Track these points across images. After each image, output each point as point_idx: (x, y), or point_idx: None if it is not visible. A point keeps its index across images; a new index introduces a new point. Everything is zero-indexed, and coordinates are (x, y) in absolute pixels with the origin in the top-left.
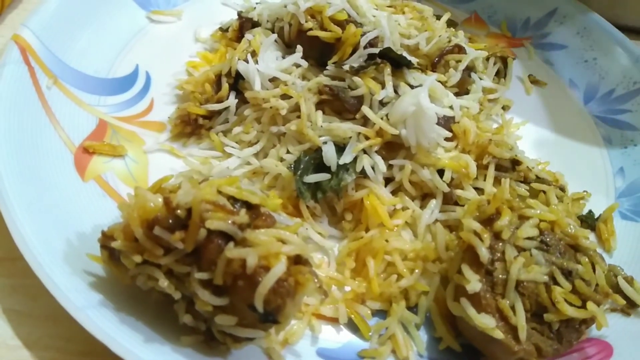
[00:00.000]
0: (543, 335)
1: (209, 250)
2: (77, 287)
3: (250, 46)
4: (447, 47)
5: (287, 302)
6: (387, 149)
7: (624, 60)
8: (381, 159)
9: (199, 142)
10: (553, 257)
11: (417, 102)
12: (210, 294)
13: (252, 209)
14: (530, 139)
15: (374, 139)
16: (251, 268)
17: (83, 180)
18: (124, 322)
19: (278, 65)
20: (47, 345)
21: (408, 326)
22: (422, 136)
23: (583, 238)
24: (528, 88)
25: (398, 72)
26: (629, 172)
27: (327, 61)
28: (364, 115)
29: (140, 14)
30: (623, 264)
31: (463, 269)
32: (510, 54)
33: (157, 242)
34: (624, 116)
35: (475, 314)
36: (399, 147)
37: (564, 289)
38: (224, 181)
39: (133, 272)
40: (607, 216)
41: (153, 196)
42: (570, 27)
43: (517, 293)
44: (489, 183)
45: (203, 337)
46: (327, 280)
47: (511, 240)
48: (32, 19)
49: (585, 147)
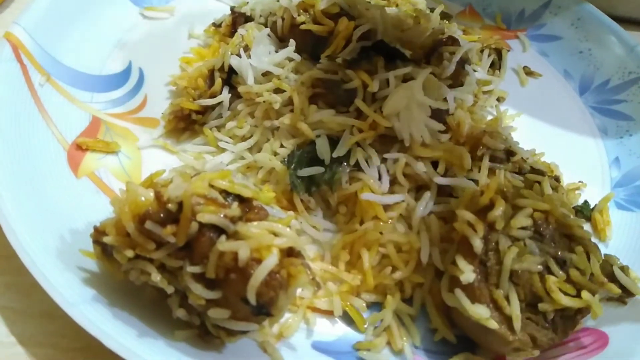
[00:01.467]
0: (538, 325)
1: (201, 243)
2: (70, 283)
3: (243, 41)
4: (441, 39)
5: (279, 294)
6: (380, 142)
7: (619, 50)
8: (375, 152)
9: (193, 138)
10: (547, 246)
11: (410, 94)
12: (203, 288)
13: (245, 202)
14: (525, 131)
15: (367, 132)
16: (243, 261)
17: (76, 177)
18: (117, 317)
19: (271, 59)
20: (42, 341)
21: (403, 318)
22: (415, 129)
23: (577, 227)
24: (523, 80)
25: (391, 64)
26: (625, 162)
27: (320, 54)
28: (357, 109)
29: (134, 10)
30: (619, 253)
31: (457, 259)
32: (505, 46)
33: (149, 237)
34: (619, 106)
35: (470, 304)
36: (392, 140)
37: (559, 278)
38: (216, 175)
39: (126, 267)
40: (603, 206)
41: (144, 190)
42: (564, 18)
43: (511, 283)
44: (484, 174)
45: (197, 331)
46: (322, 273)
47: (505, 230)
48: (24, 17)
49: (581, 137)
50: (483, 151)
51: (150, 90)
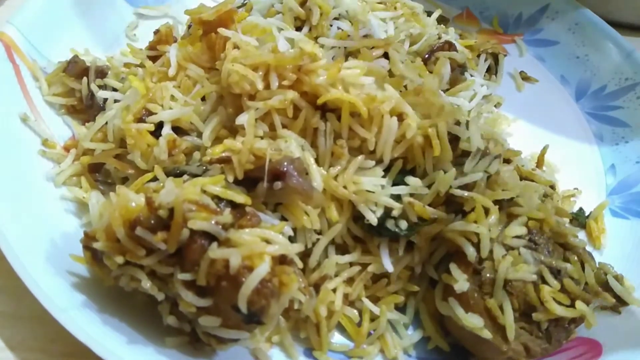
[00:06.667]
0: (532, 335)
1: (192, 250)
2: (60, 288)
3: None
4: (437, 44)
5: (271, 302)
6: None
7: (616, 56)
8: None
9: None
10: (542, 255)
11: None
12: (194, 295)
13: (237, 207)
14: (521, 136)
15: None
16: (234, 269)
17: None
18: (107, 323)
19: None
20: (31, 346)
21: (396, 326)
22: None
23: (572, 236)
24: (519, 85)
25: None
26: (620, 170)
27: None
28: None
29: (129, 9)
30: (613, 261)
31: (451, 268)
32: (502, 50)
33: (140, 243)
34: (616, 113)
35: (464, 313)
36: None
37: (553, 288)
38: (209, 180)
39: (116, 273)
40: (598, 214)
41: (135, 196)
42: (562, 23)
43: (506, 292)
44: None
45: (188, 338)
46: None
47: (499, 238)
48: (18, 16)
49: (577, 143)
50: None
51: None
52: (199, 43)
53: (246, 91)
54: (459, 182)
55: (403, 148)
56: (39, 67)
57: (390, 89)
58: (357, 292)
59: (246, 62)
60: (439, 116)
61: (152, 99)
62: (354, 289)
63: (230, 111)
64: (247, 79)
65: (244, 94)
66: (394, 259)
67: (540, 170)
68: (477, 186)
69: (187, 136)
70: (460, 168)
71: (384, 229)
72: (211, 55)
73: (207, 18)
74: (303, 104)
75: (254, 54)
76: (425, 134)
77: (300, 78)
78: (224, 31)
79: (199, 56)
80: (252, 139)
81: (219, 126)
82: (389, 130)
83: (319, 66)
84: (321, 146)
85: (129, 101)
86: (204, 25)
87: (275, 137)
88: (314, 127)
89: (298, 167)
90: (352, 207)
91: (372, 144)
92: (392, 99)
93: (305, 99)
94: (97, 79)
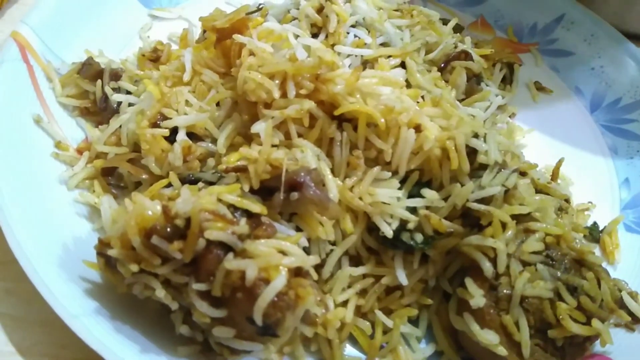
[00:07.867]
0: (547, 352)
1: (208, 260)
2: (72, 294)
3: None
4: (453, 53)
5: (286, 315)
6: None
7: (632, 69)
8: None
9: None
10: (558, 272)
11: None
12: (208, 306)
13: (252, 217)
14: (535, 147)
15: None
16: (250, 280)
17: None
18: (119, 331)
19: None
20: (42, 352)
21: (409, 339)
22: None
23: (589, 253)
24: (534, 95)
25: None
26: (635, 184)
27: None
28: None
29: (142, 11)
30: (627, 277)
31: (467, 283)
32: (517, 60)
33: (155, 252)
34: (631, 126)
35: (479, 329)
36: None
37: (569, 305)
38: (225, 189)
39: (129, 280)
40: (612, 228)
41: (151, 204)
42: (577, 33)
43: (522, 309)
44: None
45: (200, 348)
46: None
47: (516, 254)
48: (31, 16)
49: (591, 156)
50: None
51: None
52: (213, 48)
53: (262, 99)
54: (476, 195)
55: (420, 160)
56: (53, 68)
57: (407, 100)
58: (370, 304)
59: (263, 70)
60: (457, 128)
61: (167, 103)
62: (367, 300)
63: (245, 118)
64: (263, 87)
65: (260, 102)
66: (408, 271)
67: (555, 183)
68: (495, 200)
69: (202, 142)
70: (477, 181)
71: (399, 241)
72: (226, 61)
73: (220, 26)
74: (320, 113)
75: (270, 62)
76: (442, 146)
77: (317, 87)
78: (239, 37)
79: (214, 61)
80: (269, 148)
81: (233, 133)
82: (406, 141)
83: (337, 75)
84: (337, 156)
85: (143, 105)
86: (218, 33)
87: (290, 145)
88: (330, 137)
89: (315, 178)
90: (367, 218)
91: (389, 155)
92: (410, 110)
93: (322, 108)
94: (111, 81)
